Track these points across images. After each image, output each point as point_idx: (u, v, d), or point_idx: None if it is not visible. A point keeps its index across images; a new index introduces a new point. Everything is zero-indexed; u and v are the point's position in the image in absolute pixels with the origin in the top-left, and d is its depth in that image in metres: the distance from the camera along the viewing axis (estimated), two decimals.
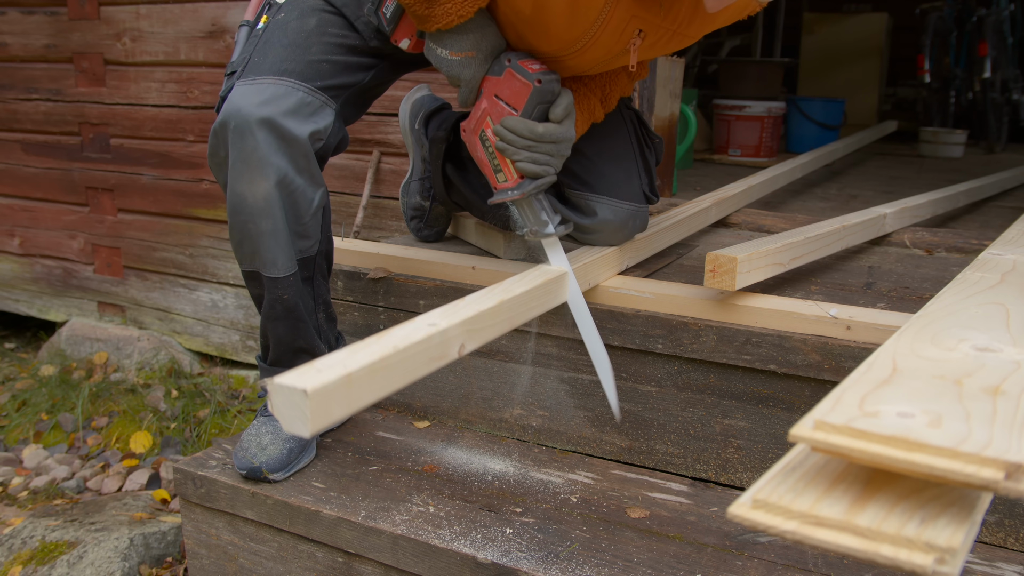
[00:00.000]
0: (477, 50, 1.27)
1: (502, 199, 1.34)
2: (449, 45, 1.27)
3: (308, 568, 1.34)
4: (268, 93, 1.23)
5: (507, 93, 1.29)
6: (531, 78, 1.27)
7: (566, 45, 1.27)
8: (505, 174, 1.33)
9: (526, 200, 1.34)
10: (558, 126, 1.30)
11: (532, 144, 1.29)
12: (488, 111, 1.31)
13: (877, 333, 1.26)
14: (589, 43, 1.25)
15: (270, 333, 1.37)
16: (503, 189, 1.34)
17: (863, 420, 0.66)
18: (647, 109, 2.28)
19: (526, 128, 1.28)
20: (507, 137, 1.29)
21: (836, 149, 3.16)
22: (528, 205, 1.35)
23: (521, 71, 1.27)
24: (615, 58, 1.31)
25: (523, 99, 1.28)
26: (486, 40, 1.28)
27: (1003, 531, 1.22)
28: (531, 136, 1.28)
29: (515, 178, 1.33)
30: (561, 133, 1.30)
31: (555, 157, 1.32)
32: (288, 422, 0.81)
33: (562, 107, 1.29)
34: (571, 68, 1.34)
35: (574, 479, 1.41)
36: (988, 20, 4.35)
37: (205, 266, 2.83)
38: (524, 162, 1.30)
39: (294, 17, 1.33)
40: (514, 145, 1.29)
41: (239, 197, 1.25)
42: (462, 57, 1.27)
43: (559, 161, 1.33)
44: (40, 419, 2.56)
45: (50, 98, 2.99)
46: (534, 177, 1.32)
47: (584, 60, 1.31)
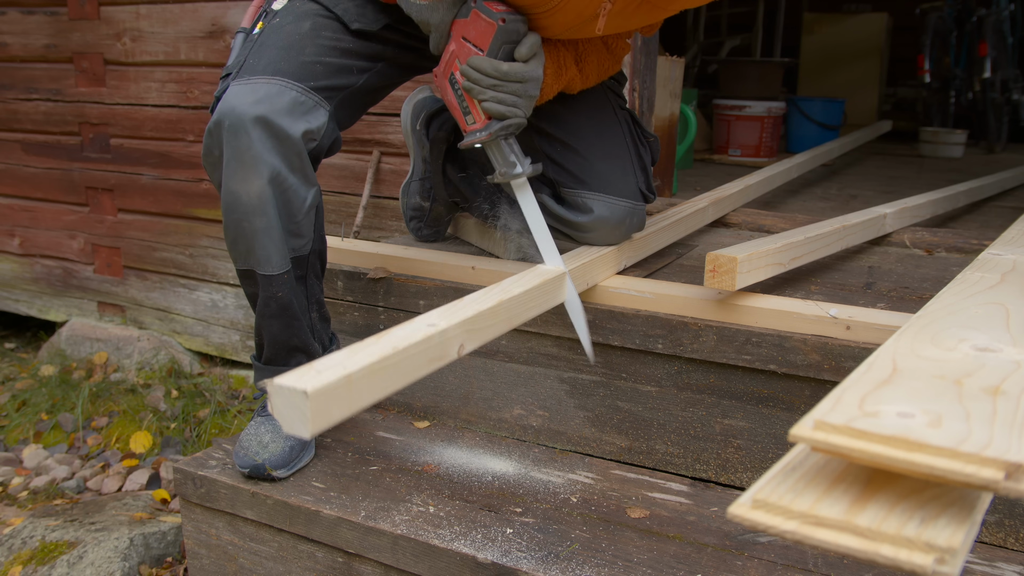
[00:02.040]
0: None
1: (470, 141, 1.34)
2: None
3: (308, 568, 1.34)
4: (262, 92, 1.24)
5: (473, 34, 1.30)
6: (495, 17, 1.28)
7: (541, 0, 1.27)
8: (473, 115, 1.34)
9: (494, 142, 1.34)
10: (524, 65, 1.30)
11: (498, 83, 1.29)
12: (456, 53, 1.32)
13: (877, 333, 1.26)
14: (560, 2, 1.26)
15: (265, 331, 1.37)
16: (471, 131, 1.34)
17: (863, 420, 0.66)
18: (647, 109, 2.28)
19: (491, 66, 1.28)
20: (472, 76, 1.29)
21: (832, 149, 3.17)
22: (496, 147, 1.35)
23: (486, 11, 1.28)
24: (585, 23, 1.32)
25: (488, 38, 1.28)
26: None
27: (1003, 531, 1.22)
28: (496, 74, 1.28)
29: (483, 119, 1.33)
30: (527, 72, 1.30)
31: (522, 98, 1.32)
32: (288, 423, 0.81)
33: (527, 46, 1.29)
34: (540, 29, 1.35)
35: (574, 479, 1.41)
36: (988, 20, 4.35)
37: (205, 266, 2.83)
38: (490, 102, 1.30)
39: (289, 21, 1.35)
40: (480, 84, 1.29)
41: (233, 195, 1.26)
42: (430, 2, 1.29)
43: (527, 103, 1.33)
44: (40, 419, 2.56)
45: (50, 98, 2.99)
46: (500, 118, 1.32)
47: (554, 21, 1.31)
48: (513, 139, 1.36)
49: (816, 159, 2.96)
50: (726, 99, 3.80)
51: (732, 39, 5.54)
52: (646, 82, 2.24)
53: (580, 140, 1.49)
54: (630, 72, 2.15)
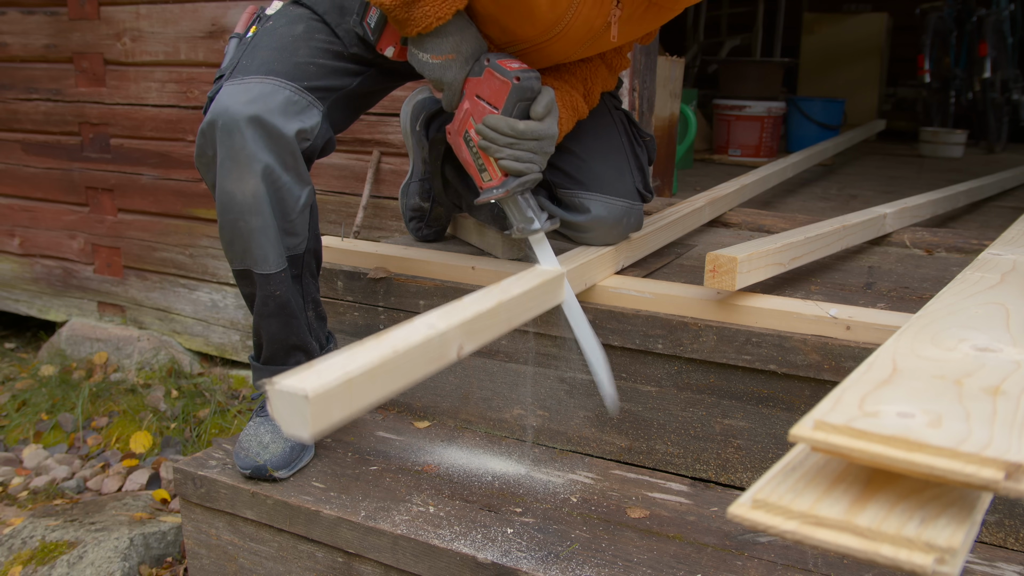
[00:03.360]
0: (457, 52, 1.29)
1: (487, 198, 1.35)
2: (430, 49, 1.28)
3: (308, 568, 1.34)
4: (255, 91, 1.25)
5: (487, 92, 1.30)
6: (510, 76, 1.28)
7: (550, 25, 1.28)
8: (489, 173, 1.34)
9: (511, 198, 1.35)
10: (539, 123, 1.30)
11: (514, 142, 1.30)
12: (470, 111, 1.32)
13: (877, 333, 1.26)
14: (572, 19, 1.26)
15: (263, 331, 1.37)
16: (488, 188, 1.35)
17: (863, 420, 0.66)
18: (647, 109, 2.28)
19: (507, 126, 1.28)
20: (489, 135, 1.30)
21: (827, 148, 3.17)
22: (514, 203, 1.35)
23: (500, 70, 1.28)
24: (597, 36, 1.32)
25: (503, 97, 1.28)
26: (466, 42, 1.29)
27: (1003, 531, 1.22)
28: (512, 133, 1.29)
29: (499, 176, 1.33)
30: (543, 130, 1.31)
31: (538, 154, 1.32)
32: (288, 425, 0.80)
33: (543, 104, 1.30)
34: (554, 54, 1.35)
35: (574, 479, 1.41)
36: (988, 20, 4.35)
37: (205, 266, 2.83)
38: (507, 160, 1.31)
39: (282, 24, 1.36)
40: (496, 143, 1.30)
41: (228, 195, 1.26)
42: (443, 60, 1.29)
43: (543, 159, 1.34)
44: (40, 419, 2.56)
45: (50, 98, 2.99)
46: (517, 175, 1.32)
47: (567, 42, 1.31)
48: (529, 193, 1.36)
49: (812, 158, 2.97)
50: (726, 99, 3.80)
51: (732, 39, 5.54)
52: (646, 82, 2.24)
53: (576, 141, 1.49)
54: (630, 72, 2.15)
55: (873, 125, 4.10)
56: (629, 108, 2.16)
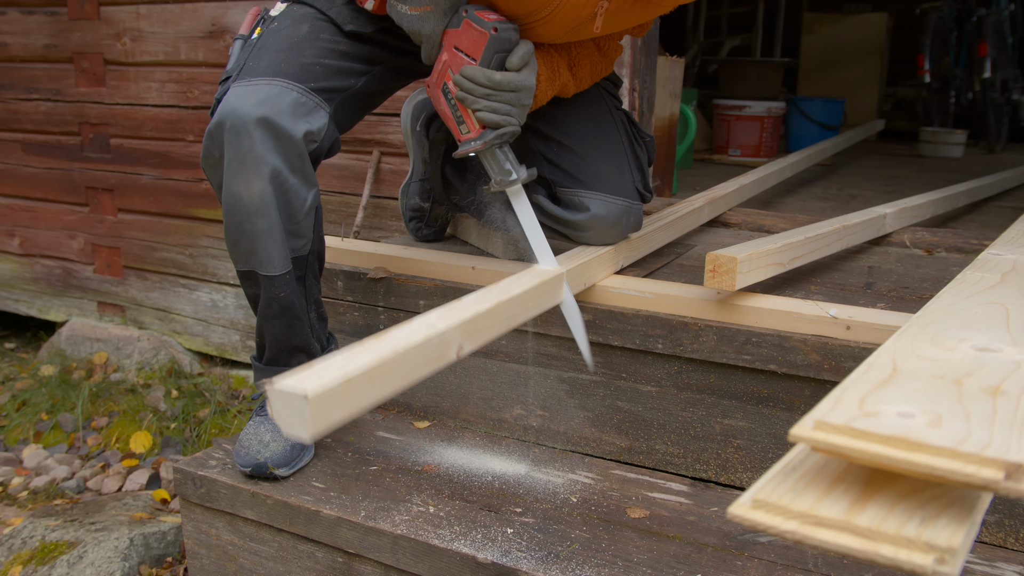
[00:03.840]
0: (435, 4, 1.29)
1: (465, 150, 1.35)
2: (408, 0, 1.28)
3: (308, 568, 1.34)
4: (263, 93, 1.24)
5: (465, 43, 1.30)
6: (487, 26, 1.28)
7: (537, 7, 1.27)
8: (467, 125, 1.34)
9: (489, 150, 1.35)
10: (516, 74, 1.30)
11: (491, 92, 1.29)
12: (448, 63, 1.32)
13: (877, 333, 1.26)
14: (560, 5, 1.26)
15: (266, 332, 1.37)
16: (466, 140, 1.35)
17: (863, 420, 0.66)
18: (647, 109, 2.28)
19: (484, 76, 1.28)
20: (466, 86, 1.30)
21: (825, 148, 3.17)
22: (491, 155, 1.35)
23: (478, 20, 1.28)
24: (582, 25, 1.32)
25: (480, 48, 1.29)
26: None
27: (1003, 531, 1.22)
28: (489, 84, 1.29)
29: (477, 128, 1.34)
30: (520, 81, 1.30)
31: (516, 107, 1.32)
32: (288, 426, 0.80)
33: (519, 55, 1.30)
34: (537, 36, 1.35)
35: (574, 479, 1.41)
36: (988, 20, 4.35)
37: (205, 266, 2.83)
38: (484, 111, 1.31)
39: (287, 25, 1.36)
40: (473, 94, 1.30)
41: (235, 197, 1.26)
42: (421, 11, 1.29)
43: (521, 111, 1.34)
44: (40, 419, 2.56)
45: (50, 98, 2.99)
46: (495, 127, 1.32)
47: (552, 26, 1.31)
48: (507, 147, 1.36)
49: (811, 158, 2.97)
50: (726, 99, 3.80)
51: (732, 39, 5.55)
52: (646, 82, 2.24)
53: (576, 140, 1.49)
54: (630, 72, 2.15)
55: (872, 125, 4.11)
56: (629, 108, 2.16)
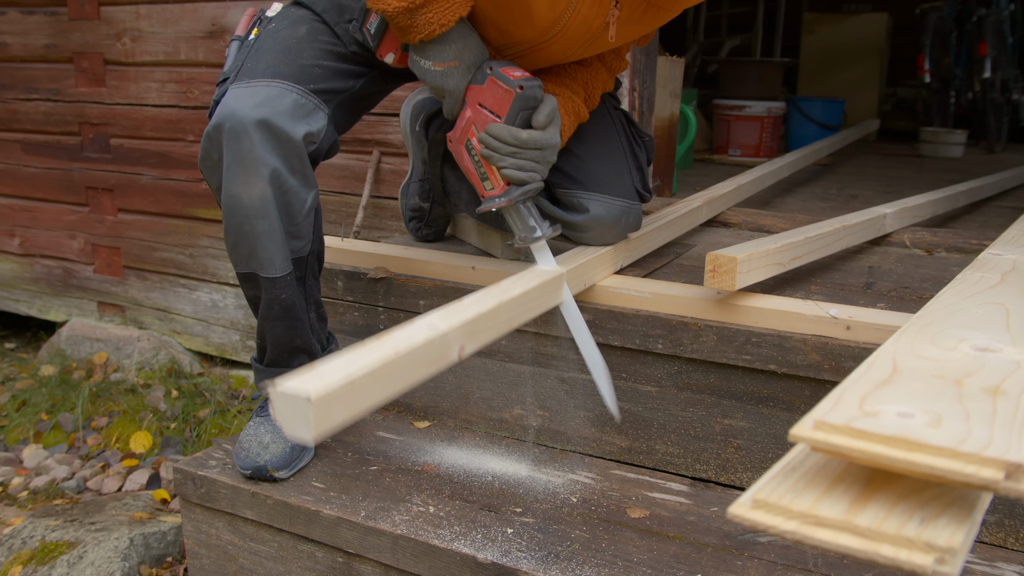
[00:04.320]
0: (459, 60, 1.28)
1: (490, 207, 1.34)
2: (432, 56, 1.28)
3: (308, 568, 1.34)
4: (263, 95, 1.24)
5: (490, 101, 1.29)
6: (513, 84, 1.27)
7: (548, 26, 1.27)
8: (492, 182, 1.34)
9: (513, 207, 1.34)
10: (542, 132, 1.30)
11: (517, 151, 1.29)
12: (472, 120, 1.31)
13: (877, 333, 1.26)
14: (570, 20, 1.26)
15: (267, 333, 1.37)
16: (490, 197, 1.34)
17: (863, 420, 0.66)
18: (647, 109, 2.28)
19: (510, 135, 1.28)
20: (492, 144, 1.29)
21: (822, 148, 3.17)
22: (516, 212, 1.35)
23: (503, 78, 1.28)
24: (595, 37, 1.32)
25: (506, 106, 1.28)
26: (468, 50, 1.28)
27: (1003, 531, 1.22)
28: (515, 143, 1.28)
29: (502, 185, 1.33)
30: (546, 139, 1.30)
31: (541, 163, 1.32)
32: (290, 428, 0.80)
33: (545, 113, 1.30)
34: (553, 55, 1.35)
35: (574, 479, 1.41)
36: (988, 20, 4.35)
37: (205, 266, 2.83)
38: (510, 169, 1.30)
39: (285, 26, 1.36)
40: (499, 152, 1.29)
41: (234, 199, 1.25)
42: (445, 68, 1.28)
43: (545, 168, 1.34)
44: (40, 419, 2.56)
45: (50, 98, 2.99)
46: (520, 184, 1.32)
47: (565, 42, 1.31)
48: (531, 202, 1.36)
49: (807, 158, 2.97)
50: (726, 99, 3.80)
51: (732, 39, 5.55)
52: (646, 82, 2.24)
53: (575, 141, 1.49)
54: (630, 72, 2.15)
55: (867, 124, 4.11)
56: (629, 108, 2.16)
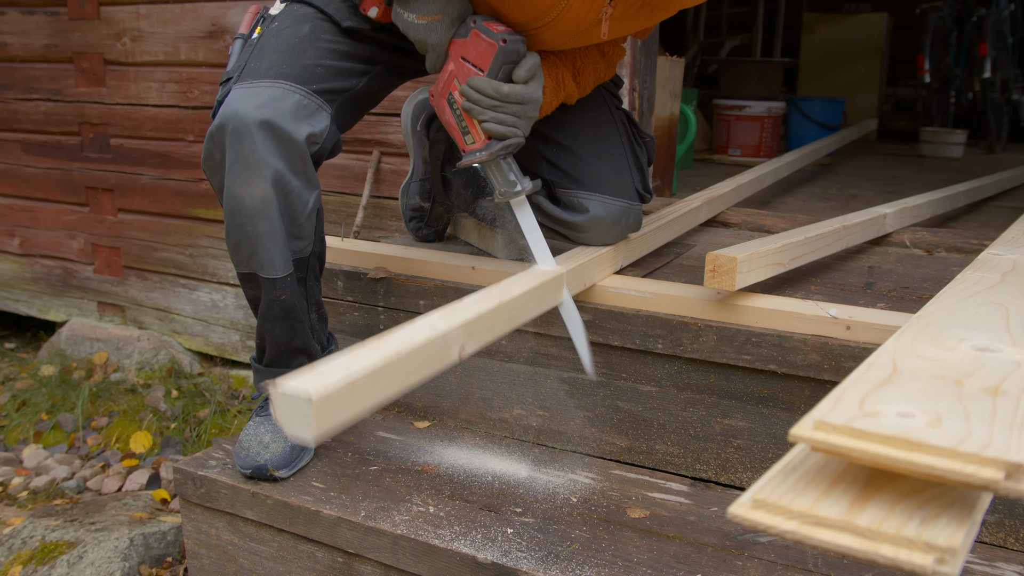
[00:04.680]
0: (443, 14, 1.28)
1: (470, 160, 1.34)
2: (415, 9, 1.28)
3: (308, 568, 1.34)
4: (266, 96, 1.24)
5: (473, 54, 1.29)
6: (496, 37, 1.27)
7: (540, 14, 1.27)
8: (473, 135, 1.34)
9: (494, 161, 1.35)
10: (523, 86, 1.30)
11: (498, 104, 1.29)
12: (455, 73, 1.31)
13: (877, 333, 1.26)
14: (562, 12, 1.26)
15: (267, 334, 1.37)
16: (471, 151, 1.35)
17: (863, 420, 0.66)
18: (647, 109, 2.28)
19: (492, 88, 1.28)
20: (473, 97, 1.29)
21: (820, 148, 3.17)
22: (496, 166, 1.35)
23: (486, 31, 1.28)
24: (587, 31, 1.32)
25: (488, 59, 1.28)
26: (452, 4, 1.28)
27: (1003, 531, 1.22)
28: (497, 96, 1.28)
29: (482, 139, 1.33)
30: (527, 94, 1.30)
31: (522, 119, 1.32)
32: (291, 428, 0.80)
33: (526, 67, 1.30)
34: (543, 42, 1.35)
35: (574, 479, 1.41)
36: (988, 20, 4.36)
37: (205, 266, 2.83)
38: (490, 122, 1.31)
39: (288, 25, 1.35)
40: (480, 105, 1.30)
41: (236, 199, 1.25)
42: (428, 21, 1.28)
43: (526, 123, 1.34)
44: (40, 419, 2.56)
45: (50, 98, 2.99)
46: (500, 138, 1.32)
47: (556, 33, 1.31)
48: (511, 157, 1.36)
49: (805, 157, 2.97)
50: (726, 99, 3.80)
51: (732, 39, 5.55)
52: (646, 82, 2.24)
53: (575, 141, 1.49)
54: (630, 72, 2.15)
55: (865, 124, 4.11)
56: (629, 108, 2.16)
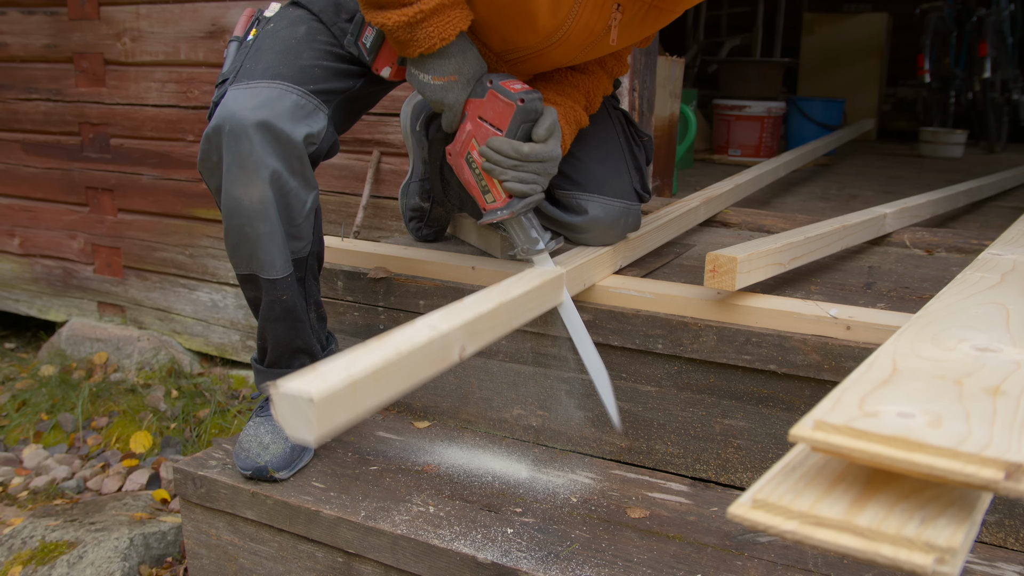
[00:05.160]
0: (459, 74, 1.28)
1: (491, 220, 1.34)
2: (431, 70, 1.27)
3: (308, 568, 1.34)
4: (263, 96, 1.24)
5: (491, 114, 1.29)
6: (514, 97, 1.27)
7: (550, 32, 1.27)
8: (493, 194, 1.33)
9: (515, 219, 1.35)
10: (543, 145, 1.30)
11: (518, 164, 1.29)
12: (473, 133, 1.31)
13: (877, 333, 1.26)
14: (572, 25, 1.26)
15: (268, 335, 1.37)
16: (492, 209, 1.34)
17: (863, 420, 0.66)
18: (647, 109, 2.28)
19: (511, 148, 1.28)
20: (493, 157, 1.29)
21: (818, 147, 3.17)
22: (518, 224, 1.35)
23: (503, 91, 1.28)
24: (597, 40, 1.32)
25: (507, 119, 1.28)
26: (468, 63, 1.28)
27: (1003, 531, 1.22)
28: (517, 156, 1.28)
29: (503, 198, 1.33)
30: (547, 152, 1.30)
31: (542, 175, 1.32)
32: (292, 429, 0.80)
33: (545, 126, 1.29)
34: (554, 60, 1.34)
35: (574, 479, 1.41)
36: (988, 20, 4.36)
37: (205, 266, 2.83)
38: (511, 182, 1.30)
39: (283, 26, 1.35)
40: (500, 165, 1.29)
41: (235, 201, 1.25)
42: (445, 81, 1.28)
43: (546, 179, 1.34)
44: (40, 419, 2.56)
45: (50, 98, 2.99)
46: (522, 196, 1.32)
47: (567, 48, 1.31)
48: (532, 213, 1.36)
49: (803, 157, 2.97)
50: (726, 99, 3.80)
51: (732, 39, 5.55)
52: (646, 82, 2.24)
53: (574, 141, 1.49)
54: (630, 72, 2.15)
55: (863, 124, 4.12)
56: (629, 108, 2.16)
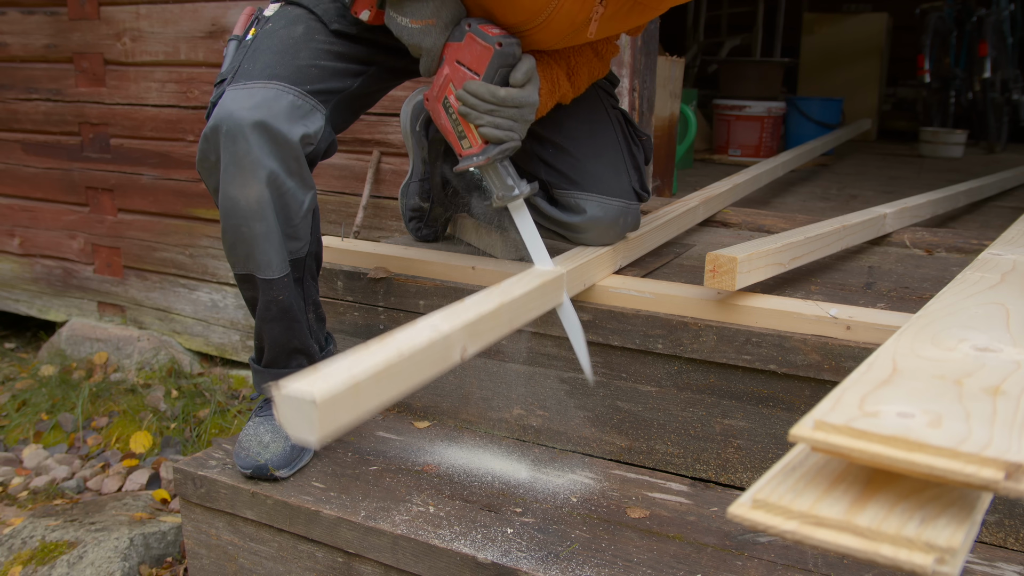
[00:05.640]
0: (437, 17, 1.27)
1: (467, 165, 1.34)
2: (409, 12, 1.27)
3: (308, 568, 1.34)
4: (259, 97, 1.24)
5: (468, 58, 1.29)
6: (492, 41, 1.27)
7: (532, 15, 1.27)
8: (469, 140, 1.33)
9: (491, 165, 1.34)
10: (520, 90, 1.29)
11: (495, 108, 1.29)
12: (450, 77, 1.31)
13: (877, 333, 1.26)
14: (554, 12, 1.25)
15: (265, 335, 1.37)
16: (467, 155, 1.34)
17: (863, 420, 0.66)
18: (647, 109, 2.28)
19: (488, 92, 1.28)
20: (469, 101, 1.29)
21: (815, 147, 3.17)
22: (493, 170, 1.35)
23: (482, 35, 1.27)
24: (578, 30, 1.31)
25: (484, 63, 1.28)
26: (446, 6, 1.28)
27: (1003, 531, 1.22)
28: (493, 100, 1.28)
29: (479, 144, 1.33)
30: (523, 97, 1.30)
31: (518, 122, 1.32)
32: (295, 430, 0.80)
33: (522, 71, 1.29)
34: (534, 43, 1.34)
35: (574, 479, 1.41)
36: (988, 20, 4.36)
37: (205, 266, 2.83)
38: (487, 127, 1.30)
39: (282, 26, 1.35)
40: (477, 109, 1.29)
41: (232, 201, 1.25)
42: (422, 25, 1.28)
43: (523, 127, 1.33)
44: (40, 419, 2.56)
45: (50, 98, 2.99)
46: (497, 142, 1.32)
47: (548, 33, 1.31)
48: (508, 161, 1.36)
49: (800, 157, 2.97)
50: (726, 99, 3.80)
51: (732, 39, 5.55)
52: (646, 82, 2.24)
53: (571, 141, 1.48)
54: (630, 72, 2.15)
55: (860, 124, 4.12)
56: (629, 108, 2.16)
